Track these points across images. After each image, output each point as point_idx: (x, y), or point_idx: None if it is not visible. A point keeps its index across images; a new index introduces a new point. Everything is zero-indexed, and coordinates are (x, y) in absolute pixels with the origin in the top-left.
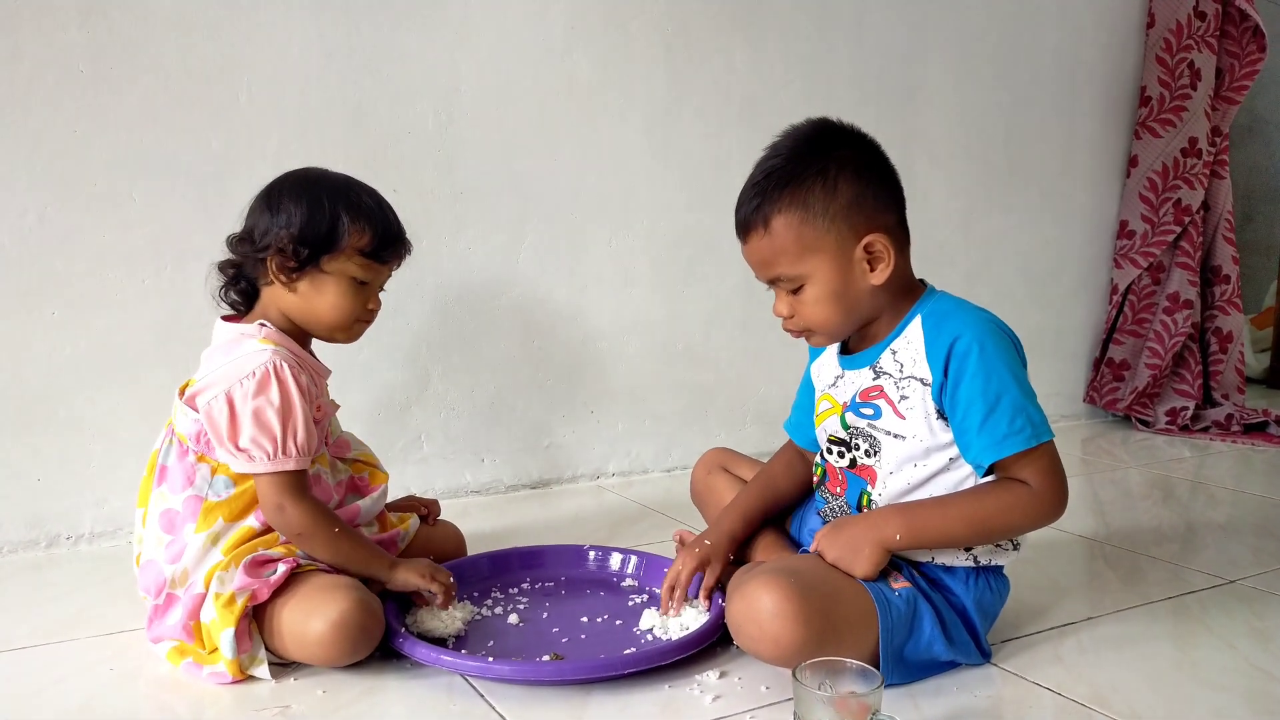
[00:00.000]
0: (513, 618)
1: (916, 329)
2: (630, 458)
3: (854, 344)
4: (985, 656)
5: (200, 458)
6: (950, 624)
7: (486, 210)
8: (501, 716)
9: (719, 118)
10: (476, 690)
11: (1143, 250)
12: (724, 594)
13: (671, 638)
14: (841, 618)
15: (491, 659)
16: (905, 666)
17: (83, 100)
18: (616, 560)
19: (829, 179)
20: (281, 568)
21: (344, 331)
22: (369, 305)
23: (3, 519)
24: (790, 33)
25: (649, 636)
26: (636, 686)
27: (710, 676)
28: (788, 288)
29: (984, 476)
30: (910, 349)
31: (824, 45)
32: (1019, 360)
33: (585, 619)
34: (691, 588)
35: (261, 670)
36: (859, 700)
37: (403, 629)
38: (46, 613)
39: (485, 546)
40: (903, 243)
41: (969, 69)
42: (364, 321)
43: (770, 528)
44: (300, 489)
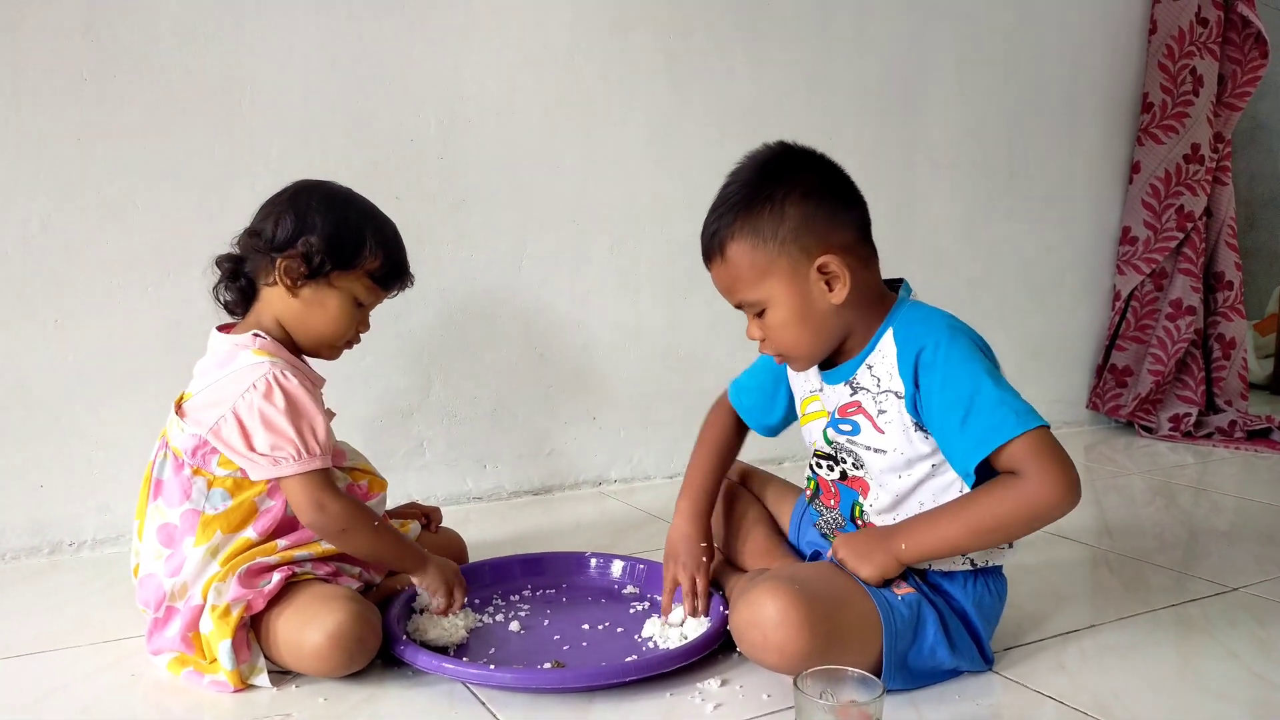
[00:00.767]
0: (514, 625)
1: (889, 342)
2: (632, 464)
3: (831, 358)
4: (988, 663)
5: (196, 471)
6: (953, 629)
7: (489, 218)
8: None
9: (721, 126)
10: (478, 698)
11: (1145, 256)
12: (724, 599)
13: (672, 645)
14: (846, 625)
15: (493, 666)
16: (908, 673)
17: (86, 108)
18: (618, 567)
19: (776, 204)
20: (276, 577)
21: (331, 348)
22: (360, 328)
23: (5, 525)
24: (792, 42)
25: (651, 644)
26: (638, 694)
27: (712, 684)
28: (752, 311)
29: (974, 485)
30: (885, 363)
31: (826, 54)
32: (988, 358)
33: (587, 626)
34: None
35: (262, 679)
36: (860, 709)
37: (404, 636)
38: (49, 619)
39: (487, 553)
40: (865, 259)
41: (971, 76)
42: (351, 343)
43: (763, 530)
44: (333, 485)
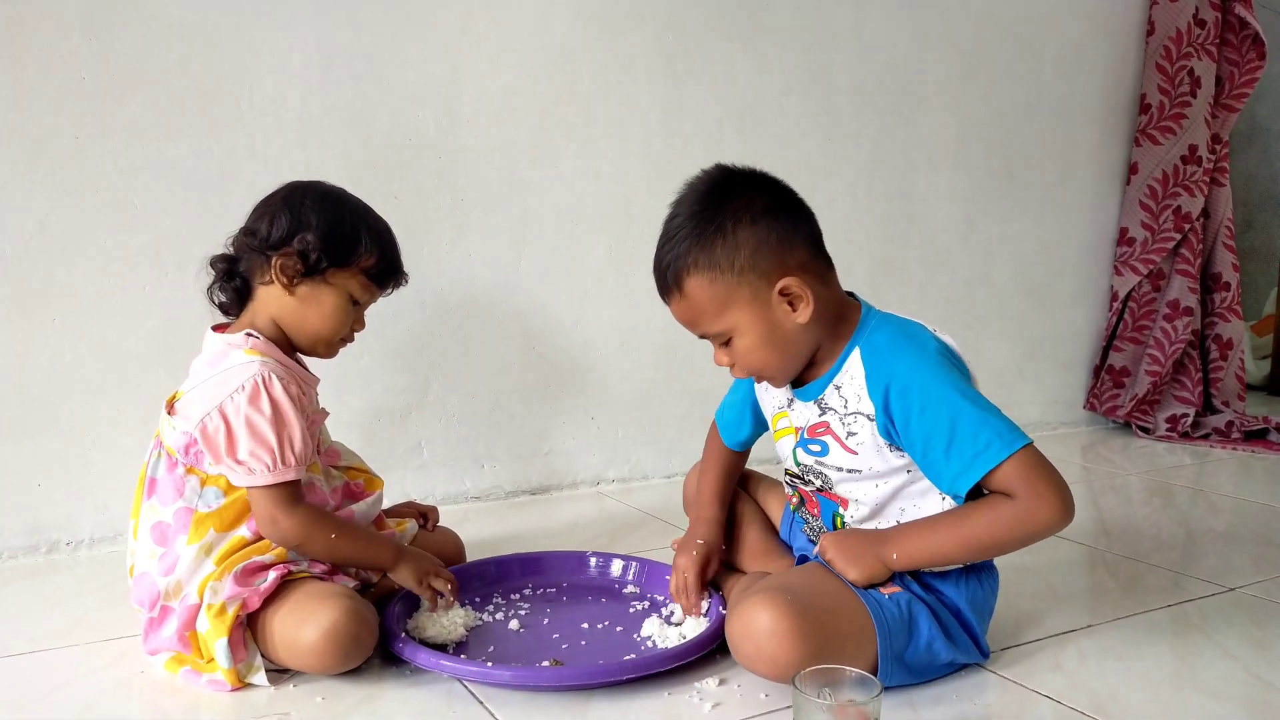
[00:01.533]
0: (513, 623)
1: (857, 362)
2: (630, 464)
3: (801, 374)
4: (984, 655)
5: (189, 470)
6: (947, 623)
7: (487, 217)
8: None
9: (719, 126)
10: (476, 696)
11: (1143, 257)
12: (723, 600)
13: (670, 644)
14: (839, 633)
15: (491, 664)
16: (905, 669)
17: (84, 107)
18: (618, 566)
19: (728, 232)
20: (272, 575)
21: (327, 346)
22: (355, 326)
23: (2, 525)
24: (790, 42)
25: (649, 643)
26: (636, 693)
27: (710, 683)
28: (719, 341)
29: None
30: (854, 384)
31: (824, 54)
32: (962, 376)
33: (586, 625)
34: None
35: (259, 678)
36: (858, 708)
37: (403, 634)
38: (46, 619)
39: (485, 553)
40: (822, 274)
41: (969, 77)
42: (346, 341)
43: (758, 531)
44: (292, 500)
